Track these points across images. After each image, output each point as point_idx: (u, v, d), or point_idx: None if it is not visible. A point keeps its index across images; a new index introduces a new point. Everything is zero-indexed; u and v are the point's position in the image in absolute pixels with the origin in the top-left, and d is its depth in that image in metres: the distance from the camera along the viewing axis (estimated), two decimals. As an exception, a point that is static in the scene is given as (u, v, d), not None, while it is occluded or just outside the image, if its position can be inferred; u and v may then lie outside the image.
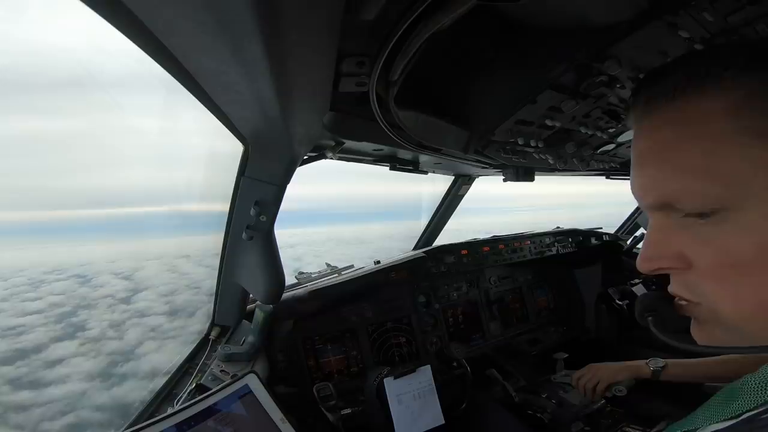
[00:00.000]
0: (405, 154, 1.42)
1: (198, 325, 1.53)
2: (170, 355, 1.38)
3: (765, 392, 0.39)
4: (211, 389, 0.96)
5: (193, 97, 0.80)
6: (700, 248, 0.40)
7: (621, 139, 1.41)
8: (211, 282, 1.49)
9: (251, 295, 1.52)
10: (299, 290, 1.75)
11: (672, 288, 0.45)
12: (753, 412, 0.39)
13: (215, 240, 1.41)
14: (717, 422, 0.42)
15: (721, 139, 0.37)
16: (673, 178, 0.40)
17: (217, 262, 1.43)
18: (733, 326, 0.41)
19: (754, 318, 0.39)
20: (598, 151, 1.52)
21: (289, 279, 1.78)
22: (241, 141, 1.15)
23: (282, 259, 1.41)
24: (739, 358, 1.01)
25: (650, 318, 0.51)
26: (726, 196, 0.37)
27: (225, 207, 1.34)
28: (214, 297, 1.49)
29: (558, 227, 2.67)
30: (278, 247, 1.40)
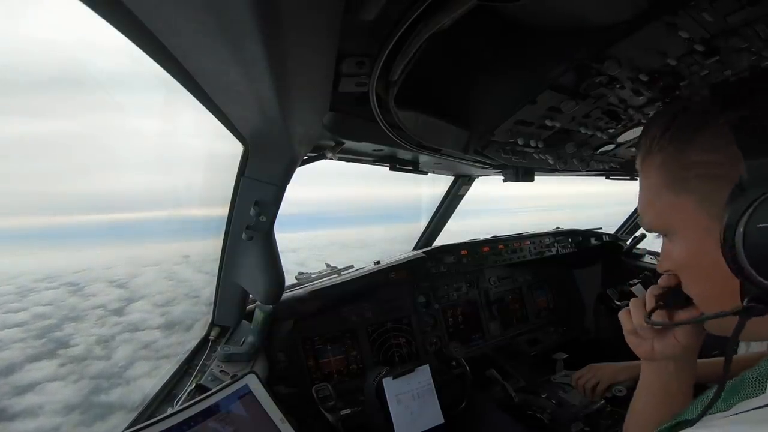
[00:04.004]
0: (405, 155, 1.42)
1: (197, 341, 1.48)
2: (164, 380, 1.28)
3: (762, 385, 0.44)
4: (211, 389, 0.96)
5: (193, 98, 0.80)
6: (670, 256, 0.56)
7: (621, 139, 1.41)
8: (210, 290, 1.48)
9: (251, 296, 1.52)
10: (299, 290, 1.74)
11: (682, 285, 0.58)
12: (750, 406, 0.42)
13: (215, 245, 1.40)
14: (717, 413, 0.46)
15: (655, 187, 0.55)
16: (644, 211, 0.58)
17: (217, 267, 1.42)
18: (700, 308, 0.56)
19: (703, 303, 0.55)
20: (598, 152, 1.52)
21: (290, 280, 1.78)
22: (241, 141, 1.15)
23: (285, 264, 1.41)
24: (736, 359, 1.01)
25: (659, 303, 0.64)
26: (665, 224, 0.55)
27: (225, 210, 1.33)
28: (213, 303, 1.48)
29: (558, 227, 2.67)
30: (280, 251, 1.39)
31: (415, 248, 2.50)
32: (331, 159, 1.30)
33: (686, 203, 0.51)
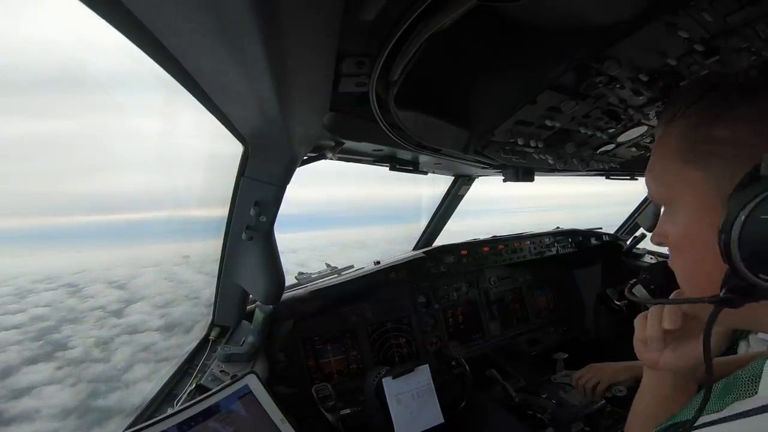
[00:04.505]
0: (405, 155, 1.42)
1: (196, 342, 1.46)
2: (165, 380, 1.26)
3: (755, 385, 0.44)
4: (211, 389, 0.96)
5: (193, 98, 0.80)
6: (665, 230, 0.54)
7: (621, 139, 1.41)
8: (210, 291, 1.47)
9: (251, 296, 1.52)
10: (299, 290, 1.74)
11: (668, 261, 0.57)
12: (743, 407, 0.41)
13: (215, 245, 1.40)
14: (710, 413, 0.45)
15: (669, 157, 0.52)
16: (650, 181, 0.57)
17: (216, 268, 1.42)
18: (683, 290, 0.55)
19: (687, 284, 0.54)
20: (598, 152, 1.52)
21: (290, 280, 1.78)
22: (241, 141, 1.15)
23: (285, 265, 1.40)
24: (736, 359, 1.01)
25: (642, 278, 0.66)
26: (669, 194, 0.53)
27: (225, 211, 1.33)
28: (213, 303, 1.48)
29: (558, 227, 2.67)
30: (280, 252, 1.39)
31: (415, 248, 2.50)
32: (331, 159, 1.30)
33: (697, 177, 0.48)
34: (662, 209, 0.57)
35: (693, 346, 0.63)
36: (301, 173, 1.30)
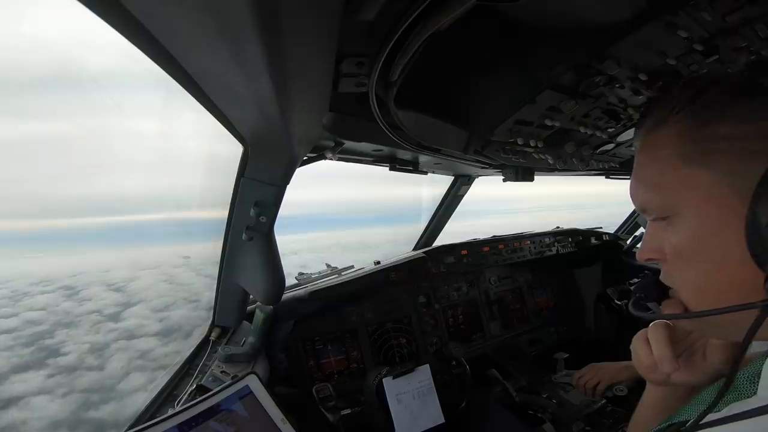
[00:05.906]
0: (405, 155, 1.43)
1: (197, 344, 1.44)
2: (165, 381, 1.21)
3: (754, 385, 0.44)
4: (212, 390, 0.96)
5: (193, 99, 0.80)
6: (666, 244, 0.50)
7: (620, 138, 1.41)
8: (210, 294, 1.47)
9: (252, 296, 1.52)
10: (299, 291, 1.74)
11: (660, 276, 0.54)
12: (743, 408, 0.41)
13: (215, 247, 1.40)
14: (710, 413, 0.44)
15: (666, 162, 0.48)
16: (642, 190, 0.51)
17: (217, 270, 1.42)
18: (688, 304, 0.50)
19: (697, 297, 0.49)
20: (598, 151, 1.52)
21: (290, 281, 1.78)
22: (241, 142, 1.15)
23: (285, 266, 1.41)
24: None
25: (636, 294, 0.60)
26: (671, 203, 0.48)
27: (225, 212, 1.33)
28: (214, 304, 1.48)
29: (558, 227, 2.67)
30: (281, 254, 1.40)
31: (415, 248, 2.50)
32: (331, 159, 1.31)
33: (704, 179, 0.45)
34: (649, 222, 0.52)
35: (704, 358, 0.60)
36: (301, 173, 1.31)
